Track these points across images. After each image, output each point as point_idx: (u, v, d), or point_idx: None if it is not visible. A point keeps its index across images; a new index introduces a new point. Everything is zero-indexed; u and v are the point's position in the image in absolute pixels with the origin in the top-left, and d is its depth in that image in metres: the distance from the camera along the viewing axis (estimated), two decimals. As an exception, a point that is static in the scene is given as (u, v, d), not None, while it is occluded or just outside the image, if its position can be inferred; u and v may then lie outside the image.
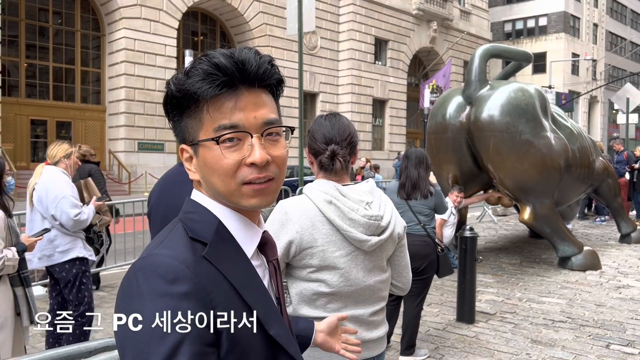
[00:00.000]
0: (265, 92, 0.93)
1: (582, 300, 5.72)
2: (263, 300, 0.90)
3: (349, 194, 1.80)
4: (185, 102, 0.89)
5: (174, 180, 2.15)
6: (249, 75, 0.89)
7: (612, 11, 45.93)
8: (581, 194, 8.48)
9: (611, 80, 39.08)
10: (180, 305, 0.78)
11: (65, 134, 19.73)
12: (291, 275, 1.84)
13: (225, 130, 0.87)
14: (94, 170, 6.70)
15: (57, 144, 4.04)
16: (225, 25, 23.87)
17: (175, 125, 0.94)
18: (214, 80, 0.86)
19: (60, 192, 3.71)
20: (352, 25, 26.36)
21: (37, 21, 19.24)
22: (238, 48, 0.91)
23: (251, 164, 0.88)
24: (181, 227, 0.91)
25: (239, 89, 0.89)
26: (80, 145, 6.76)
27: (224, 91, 0.87)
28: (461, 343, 4.49)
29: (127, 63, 19.19)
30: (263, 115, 0.90)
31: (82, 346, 1.91)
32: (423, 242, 4.10)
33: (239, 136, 0.88)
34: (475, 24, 34.03)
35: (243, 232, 0.93)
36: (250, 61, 0.89)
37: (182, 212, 0.94)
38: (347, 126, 1.84)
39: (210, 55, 0.88)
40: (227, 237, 0.91)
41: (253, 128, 0.89)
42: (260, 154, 0.88)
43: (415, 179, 4.08)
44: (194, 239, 0.88)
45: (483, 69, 7.30)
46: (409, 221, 3.99)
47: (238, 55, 0.88)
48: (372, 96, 27.37)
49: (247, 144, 0.88)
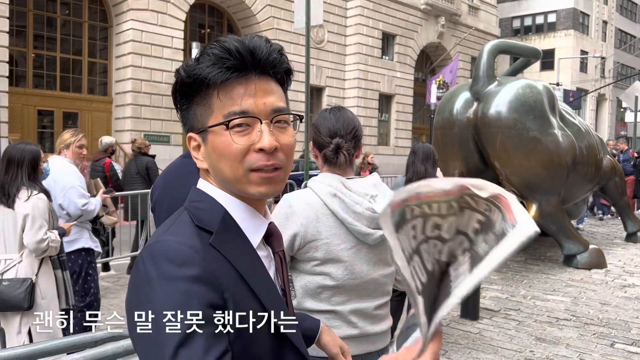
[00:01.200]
0: (274, 80, 0.93)
1: (587, 299, 5.70)
2: (269, 290, 0.90)
3: (354, 187, 1.79)
4: (195, 88, 0.89)
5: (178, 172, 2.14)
6: (260, 61, 0.89)
7: (622, 8, 45.53)
8: (588, 192, 8.44)
9: (620, 78, 38.80)
10: (191, 289, 0.78)
11: (72, 124, 19.78)
12: (296, 268, 1.84)
13: (235, 116, 0.87)
14: (150, 163, 6.80)
15: (64, 133, 4.08)
16: (232, 18, 23.81)
17: (184, 114, 0.94)
18: (224, 63, 0.86)
19: (68, 182, 3.76)
20: (360, 20, 26.24)
21: (45, 12, 19.25)
22: (249, 36, 0.92)
23: (260, 149, 0.88)
24: (187, 215, 0.91)
25: (249, 75, 0.89)
26: (135, 139, 6.86)
27: (235, 76, 0.87)
28: (465, 339, 4.49)
29: (134, 55, 19.19)
30: (272, 103, 0.90)
31: (87, 336, 1.93)
32: None
33: (248, 122, 0.88)
34: (484, 20, 33.81)
35: (249, 221, 0.93)
36: (261, 47, 0.89)
37: (188, 201, 0.95)
38: (351, 120, 1.84)
39: (221, 40, 0.88)
40: (233, 226, 0.91)
41: (262, 114, 0.89)
42: (269, 139, 0.88)
43: (422, 174, 4.05)
44: (199, 227, 0.88)
45: (491, 64, 7.26)
46: None
47: (249, 41, 0.89)
48: (378, 91, 27.27)
49: (257, 130, 0.88)
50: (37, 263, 3.11)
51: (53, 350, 1.78)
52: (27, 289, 2.98)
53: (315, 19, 8.21)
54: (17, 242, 3.05)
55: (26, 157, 3.08)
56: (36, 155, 3.14)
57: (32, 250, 3.06)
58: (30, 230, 3.03)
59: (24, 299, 2.97)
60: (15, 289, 2.96)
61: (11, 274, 3.02)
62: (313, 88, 24.26)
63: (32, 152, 3.13)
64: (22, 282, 3.00)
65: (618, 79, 37.36)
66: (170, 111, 20.07)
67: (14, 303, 2.96)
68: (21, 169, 3.07)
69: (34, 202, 3.06)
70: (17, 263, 3.05)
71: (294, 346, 0.92)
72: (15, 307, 2.97)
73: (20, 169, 3.06)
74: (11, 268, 3.03)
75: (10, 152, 3.10)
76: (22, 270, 3.05)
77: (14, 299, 2.96)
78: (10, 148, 3.11)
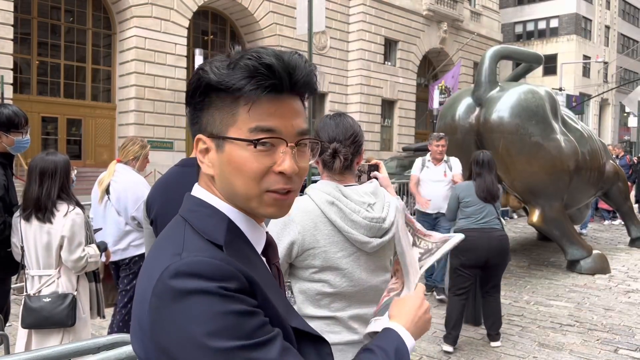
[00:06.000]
0: (301, 100, 0.91)
1: (591, 304, 5.68)
2: (280, 297, 0.90)
3: (351, 195, 1.79)
4: (222, 94, 0.85)
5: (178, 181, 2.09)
6: (297, 83, 0.87)
7: (625, 13, 45.53)
8: (591, 197, 8.42)
9: (623, 83, 38.74)
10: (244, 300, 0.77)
11: (76, 131, 19.88)
12: (294, 275, 1.84)
13: (263, 134, 0.84)
14: None
15: (131, 141, 4.05)
16: (235, 24, 23.93)
17: (197, 113, 0.88)
18: (263, 80, 0.83)
19: (141, 194, 3.74)
20: (362, 26, 26.32)
21: (49, 19, 19.38)
22: (286, 51, 0.88)
23: (279, 172, 0.85)
24: (190, 227, 0.86)
25: (282, 94, 0.86)
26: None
27: (270, 93, 0.84)
28: (468, 345, 4.48)
29: (138, 61, 19.29)
30: (299, 124, 0.88)
31: (90, 342, 1.93)
32: (503, 236, 4.55)
33: (273, 142, 0.85)
34: (486, 25, 33.87)
35: (252, 232, 0.91)
36: (300, 68, 0.86)
37: (188, 211, 0.89)
38: (351, 126, 1.84)
39: (260, 52, 0.84)
40: (240, 235, 0.89)
41: (289, 136, 0.86)
42: (291, 164, 0.85)
43: (489, 185, 4.60)
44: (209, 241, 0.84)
45: (493, 70, 7.27)
46: (491, 217, 4.54)
47: (289, 59, 0.85)
48: (381, 97, 27.31)
49: (280, 151, 0.85)
50: (76, 277, 3.01)
51: (56, 356, 1.79)
52: (69, 304, 2.89)
53: (317, 25, 8.23)
54: (54, 258, 2.93)
55: (59, 168, 2.93)
56: (68, 166, 3.01)
57: (71, 268, 2.96)
58: (69, 248, 2.91)
59: (68, 315, 2.88)
60: (57, 305, 2.86)
61: (51, 289, 2.91)
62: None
63: (64, 162, 2.98)
64: (64, 297, 2.89)
65: (621, 84, 37.31)
66: (174, 117, 20.14)
67: (56, 320, 2.85)
68: (56, 181, 2.92)
69: (73, 218, 2.93)
70: (56, 279, 2.94)
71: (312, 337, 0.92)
72: (58, 324, 2.86)
73: (54, 182, 2.91)
74: (51, 284, 2.92)
75: (42, 164, 2.92)
76: (62, 285, 2.94)
77: (57, 315, 2.85)
78: (39, 160, 2.93)
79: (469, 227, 4.48)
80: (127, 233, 3.88)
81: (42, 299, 2.87)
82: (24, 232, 2.92)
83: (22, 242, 2.93)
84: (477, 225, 4.49)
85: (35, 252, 2.92)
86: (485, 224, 4.49)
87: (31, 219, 2.90)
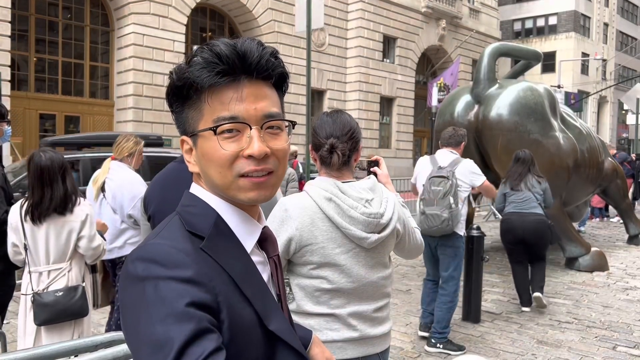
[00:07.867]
0: (268, 85, 0.91)
1: (589, 302, 5.69)
2: (262, 295, 0.89)
3: (349, 192, 1.79)
4: (186, 92, 0.88)
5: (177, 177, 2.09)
6: (250, 66, 0.87)
7: (623, 10, 45.53)
8: (589, 195, 8.43)
9: (621, 81, 38.75)
10: (184, 289, 0.76)
11: (74, 128, 19.83)
12: (293, 271, 1.84)
13: (224, 121, 0.86)
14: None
15: (124, 138, 4.02)
16: (233, 21, 23.87)
17: (177, 117, 0.93)
18: (214, 68, 0.85)
19: (138, 192, 3.75)
20: (361, 23, 26.28)
21: (46, 16, 19.31)
22: (241, 38, 0.89)
23: (249, 156, 0.86)
24: (178, 220, 0.89)
25: (240, 80, 0.87)
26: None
27: (225, 80, 0.86)
28: (467, 342, 4.48)
29: (136, 58, 19.24)
30: (264, 108, 0.88)
31: (88, 340, 1.92)
32: (539, 220, 5.28)
33: (238, 127, 0.86)
34: (485, 23, 33.85)
35: (242, 226, 0.92)
36: (252, 51, 0.87)
37: (181, 206, 0.93)
38: (348, 122, 1.85)
39: (211, 44, 0.87)
40: (225, 230, 0.90)
41: (253, 120, 0.87)
42: (259, 146, 0.86)
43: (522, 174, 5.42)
44: (190, 232, 0.86)
45: (492, 67, 7.27)
46: (530, 203, 5.32)
47: (240, 45, 0.87)
48: (379, 94, 27.29)
49: (246, 135, 0.87)
50: (83, 269, 3.06)
51: (53, 354, 1.78)
52: (81, 295, 2.94)
53: (316, 23, 8.21)
54: (70, 249, 2.96)
55: (65, 165, 2.97)
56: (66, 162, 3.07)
57: (90, 257, 3.01)
58: (89, 236, 2.97)
59: (82, 305, 2.93)
60: (71, 297, 2.91)
61: (61, 283, 2.94)
62: (314, 91, 24.29)
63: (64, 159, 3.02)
64: (75, 289, 2.94)
65: (619, 81, 37.31)
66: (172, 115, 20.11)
67: (72, 311, 2.90)
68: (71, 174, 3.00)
69: (88, 207, 3.00)
70: (67, 272, 2.97)
71: (291, 348, 0.91)
72: (75, 314, 2.92)
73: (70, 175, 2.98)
74: (61, 278, 2.94)
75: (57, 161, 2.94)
76: (72, 278, 2.98)
77: (72, 307, 2.90)
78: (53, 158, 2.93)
79: (508, 211, 5.42)
80: (123, 231, 3.86)
81: (54, 293, 2.89)
82: (30, 232, 2.90)
83: (25, 240, 2.91)
84: (515, 209, 5.34)
85: (46, 248, 2.92)
86: (522, 208, 5.30)
87: (45, 218, 2.89)
